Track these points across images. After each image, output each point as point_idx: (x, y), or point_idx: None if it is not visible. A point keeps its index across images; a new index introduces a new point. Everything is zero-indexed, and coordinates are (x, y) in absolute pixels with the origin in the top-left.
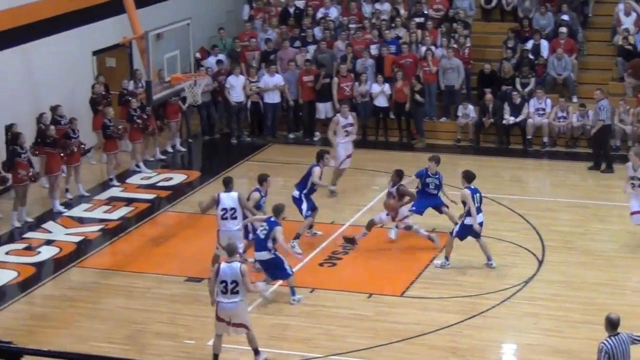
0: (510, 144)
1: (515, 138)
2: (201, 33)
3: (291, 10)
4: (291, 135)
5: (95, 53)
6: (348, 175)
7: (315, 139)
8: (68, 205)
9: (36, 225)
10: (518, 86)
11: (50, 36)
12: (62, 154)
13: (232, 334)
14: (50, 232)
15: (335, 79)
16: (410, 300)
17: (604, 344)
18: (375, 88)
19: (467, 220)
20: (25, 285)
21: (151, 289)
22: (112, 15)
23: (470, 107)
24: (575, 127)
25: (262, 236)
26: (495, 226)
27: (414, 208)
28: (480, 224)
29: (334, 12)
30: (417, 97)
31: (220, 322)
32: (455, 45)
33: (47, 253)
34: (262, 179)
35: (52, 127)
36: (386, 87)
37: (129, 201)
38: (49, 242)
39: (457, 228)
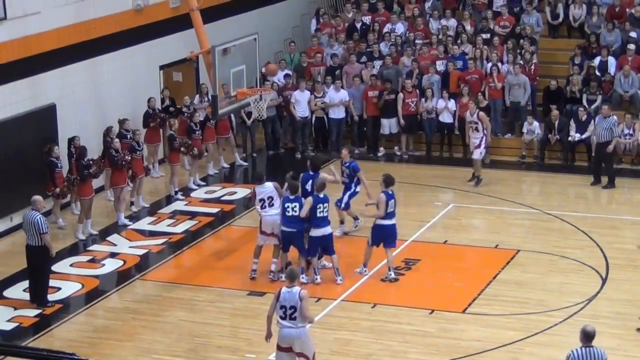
0: (575, 161)
1: (581, 155)
2: (268, 48)
3: (358, 25)
4: (355, 151)
5: (162, 67)
6: (411, 191)
7: (380, 154)
8: (133, 218)
9: (101, 237)
10: (584, 103)
11: (118, 50)
12: (127, 168)
13: None
14: (114, 244)
15: (401, 95)
16: (472, 317)
17: (572, 353)
18: (441, 104)
19: (378, 221)
20: (89, 297)
21: (213, 303)
22: (180, 30)
23: (536, 123)
24: None
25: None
26: (559, 243)
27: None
28: (392, 227)
29: (400, 28)
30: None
31: (281, 351)
32: (521, 62)
33: (111, 266)
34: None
35: (117, 140)
36: (451, 103)
37: (192, 215)
38: (113, 255)
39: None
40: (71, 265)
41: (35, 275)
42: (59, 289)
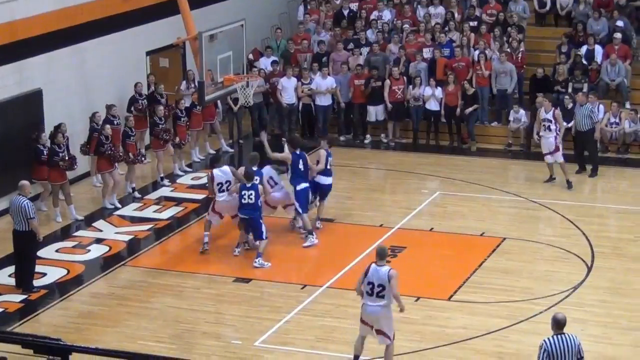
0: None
1: (567, 144)
2: (254, 35)
3: (345, 12)
4: (342, 138)
5: (148, 53)
6: (398, 178)
7: (366, 141)
8: (119, 203)
9: (86, 223)
10: (570, 91)
11: (104, 36)
12: (120, 156)
13: (377, 340)
14: (100, 230)
15: (388, 82)
16: (458, 304)
17: (545, 342)
18: (428, 91)
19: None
20: (75, 283)
21: (199, 289)
22: (166, 16)
23: (522, 111)
24: (628, 133)
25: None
26: (545, 231)
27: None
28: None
29: (387, 15)
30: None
31: (364, 324)
32: (508, 50)
33: (97, 251)
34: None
35: (108, 127)
36: (438, 91)
37: (179, 201)
38: (98, 241)
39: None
40: (57, 251)
41: (21, 260)
42: (45, 274)
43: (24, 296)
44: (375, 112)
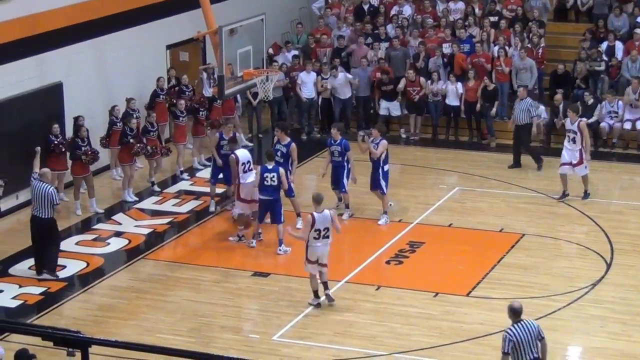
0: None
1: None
2: (274, 29)
3: (365, 7)
4: (361, 133)
5: (169, 47)
6: (417, 173)
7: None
8: (138, 197)
9: (106, 216)
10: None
11: (125, 29)
12: (143, 151)
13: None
14: (119, 223)
15: (403, 81)
16: (476, 300)
17: (507, 332)
18: (448, 87)
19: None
20: (94, 275)
21: (218, 283)
22: (187, 10)
23: (542, 108)
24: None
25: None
26: (564, 228)
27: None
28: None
29: (407, 10)
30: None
31: (311, 263)
32: (528, 45)
33: (116, 244)
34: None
35: (134, 120)
36: (458, 86)
37: (198, 195)
38: (118, 234)
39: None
40: (76, 244)
41: (45, 246)
42: (64, 267)
43: (44, 288)
44: (388, 107)
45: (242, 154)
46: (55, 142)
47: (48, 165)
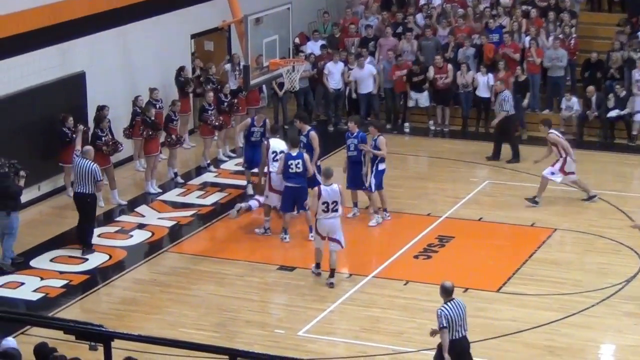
0: (614, 138)
1: (620, 132)
2: (301, 18)
3: None
4: (389, 126)
5: (193, 36)
6: (446, 166)
7: (406, 130)
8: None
9: (129, 208)
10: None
11: (148, 18)
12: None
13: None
14: (143, 215)
15: (431, 69)
16: (507, 296)
17: (442, 309)
18: (478, 78)
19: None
20: (117, 268)
21: (242, 277)
22: None
23: (574, 99)
24: None
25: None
26: (597, 223)
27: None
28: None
29: (437, 0)
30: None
31: (320, 236)
32: (560, 36)
33: (139, 237)
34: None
35: (153, 109)
36: (489, 78)
37: (222, 187)
38: (141, 226)
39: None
40: (99, 236)
41: (83, 221)
42: (86, 259)
43: (65, 281)
44: (416, 98)
45: (276, 143)
46: (69, 134)
47: (64, 159)
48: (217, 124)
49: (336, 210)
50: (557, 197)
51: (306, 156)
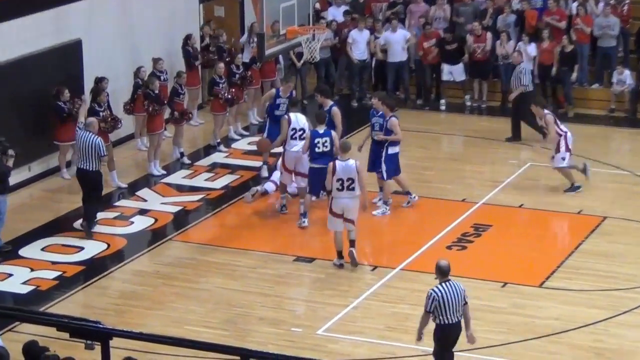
0: None
1: None
2: None
3: None
4: (419, 101)
5: (202, 1)
6: (483, 146)
7: (442, 107)
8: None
9: (129, 192)
10: None
11: None
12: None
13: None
14: (145, 200)
15: (469, 37)
16: (550, 292)
17: (433, 290)
18: (520, 48)
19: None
20: (115, 259)
21: (255, 269)
22: None
23: (627, 72)
24: None
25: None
26: None
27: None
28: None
29: None
30: None
31: (336, 217)
32: (612, 1)
33: (140, 224)
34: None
35: (157, 81)
36: (531, 48)
37: (233, 168)
38: (143, 212)
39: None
40: (96, 223)
41: (87, 200)
42: (82, 248)
43: (59, 272)
44: (449, 71)
45: (297, 119)
46: (66, 109)
47: (59, 138)
48: (229, 96)
49: (352, 189)
50: (607, 182)
51: (334, 133)
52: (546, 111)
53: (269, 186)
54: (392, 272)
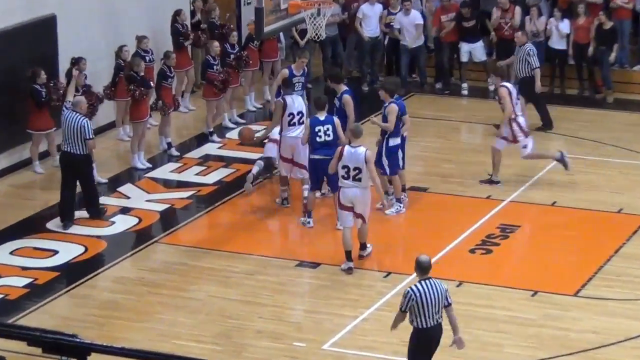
0: None
1: None
2: None
3: None
4: (438, 85)
5: None
6: None
7: (464, 91)
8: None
9: (110, 188)
10: None
11: None
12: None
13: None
14: (127, 197)
15: (495, 11)
16: (587, 302)
17: (411, 288)
18: (551, 25)
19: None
20: (94, 264)
21: (253, 275)
22: None
23: None
24: None
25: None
26: None
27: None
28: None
29: None
30: None
31: (344, 209)
32: None
33: (122, 224)
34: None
35: (141, 62)
36: (564, 24)
37: (228, 161)
38: (125, 210)
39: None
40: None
41: (82, 185)
42: (56, 252)
43: (30, 279)
44: (469, 51)
45: (293, 101)
46: (44, 93)
47: (34, 126)
48: (223, 77)
49: (359, 180)
50: None
51: (336, 120)
52: (504, 82)
53: (258, 164)
54: (408, 279)
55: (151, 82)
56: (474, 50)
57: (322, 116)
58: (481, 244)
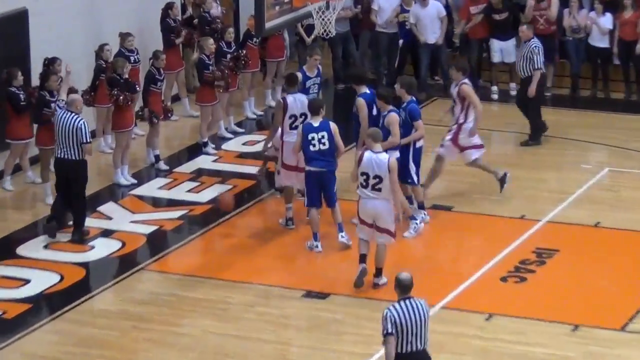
0: None
1: None
2: None
3: None
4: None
5: None
6: (546, 147)
7: (493, 95)
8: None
9: (90, 207)
10: None
11: None
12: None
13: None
14: (109, 218)
15: (530, 2)
16: (635, 337)
17: (389, 310)
18: (593, 20)
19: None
20: (71, 295)
21: (253, 307)
22: None
23: None
24: None
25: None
26: None
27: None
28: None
29: None
30: None
31: (363, 224)
32: None
33: (103, 249)
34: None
35: (126, 64)
36: (607, 19)
37: (224, 176)
38: (106, 233)
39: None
40: (45, 247)
41: (73, 198)
42: (28, 281)
43: None
44: (500, 50)
45: (296, 103)
46: (22, 96)
47: (12, 134)
48: (221, 74)
49: (378, 190)
50: None
51: (333, 126)
52: (465, 80)
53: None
54: (430, 311)
55: (137, 86)
56: (505, 49)
57: (316, 122)
58: (514, 270)
